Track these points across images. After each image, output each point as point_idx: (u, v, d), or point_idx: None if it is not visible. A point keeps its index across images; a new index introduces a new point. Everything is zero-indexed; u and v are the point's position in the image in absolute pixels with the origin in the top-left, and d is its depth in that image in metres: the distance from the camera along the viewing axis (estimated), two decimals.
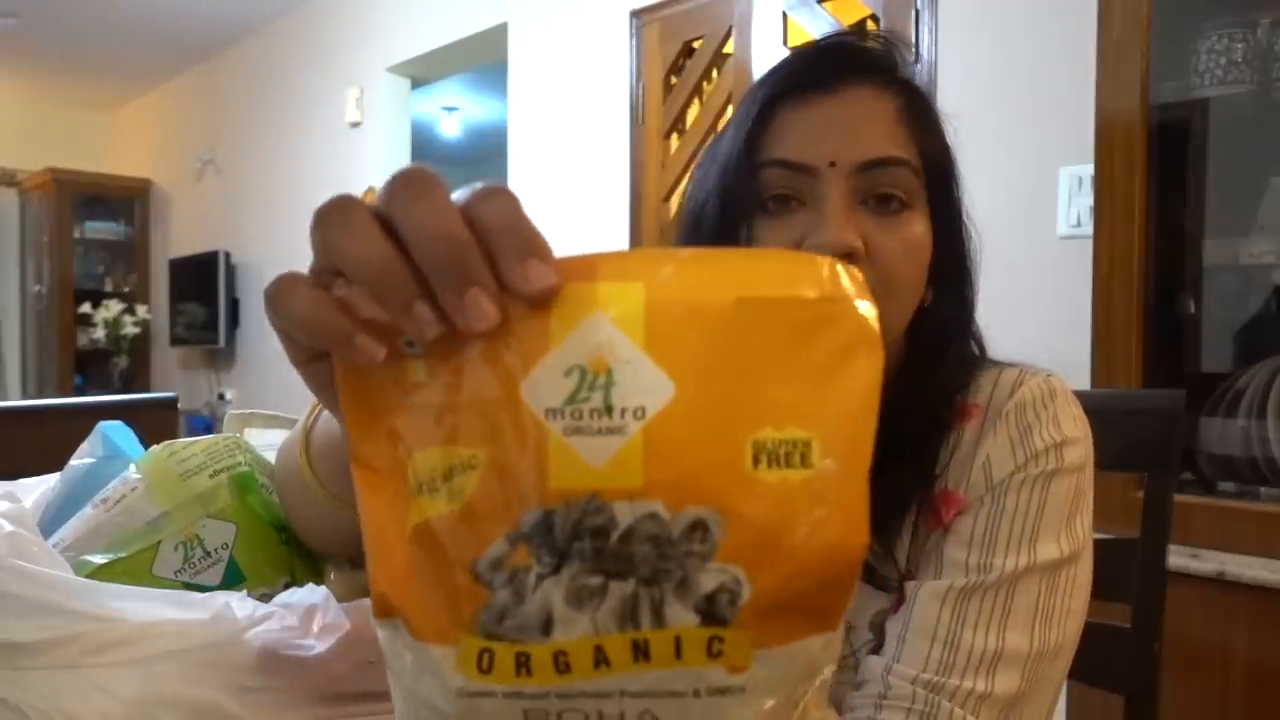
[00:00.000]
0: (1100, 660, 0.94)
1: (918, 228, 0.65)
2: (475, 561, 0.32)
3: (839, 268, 0.34)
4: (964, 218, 0.71)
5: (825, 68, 0.67)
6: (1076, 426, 0.67)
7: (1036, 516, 0.64)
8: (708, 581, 0.31)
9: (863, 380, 0.33)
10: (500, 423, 0.32)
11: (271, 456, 0.68)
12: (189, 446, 0.63)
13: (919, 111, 0.67)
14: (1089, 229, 1.54)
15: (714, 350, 0.33)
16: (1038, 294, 1.85)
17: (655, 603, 0.31)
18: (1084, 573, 0.65)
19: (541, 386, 0.32)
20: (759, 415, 0.32)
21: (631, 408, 0.32)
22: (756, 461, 0.32)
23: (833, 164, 0.64)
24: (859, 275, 0.34)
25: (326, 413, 0.56)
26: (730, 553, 0.31)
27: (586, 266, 0.33)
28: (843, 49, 0.70)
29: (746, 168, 0.66)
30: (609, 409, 0.32)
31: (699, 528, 0.31)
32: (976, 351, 0.73)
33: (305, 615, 0.51)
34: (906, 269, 0.65)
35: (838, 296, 0.33)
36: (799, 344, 0.33)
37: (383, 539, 0.33)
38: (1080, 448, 0.67)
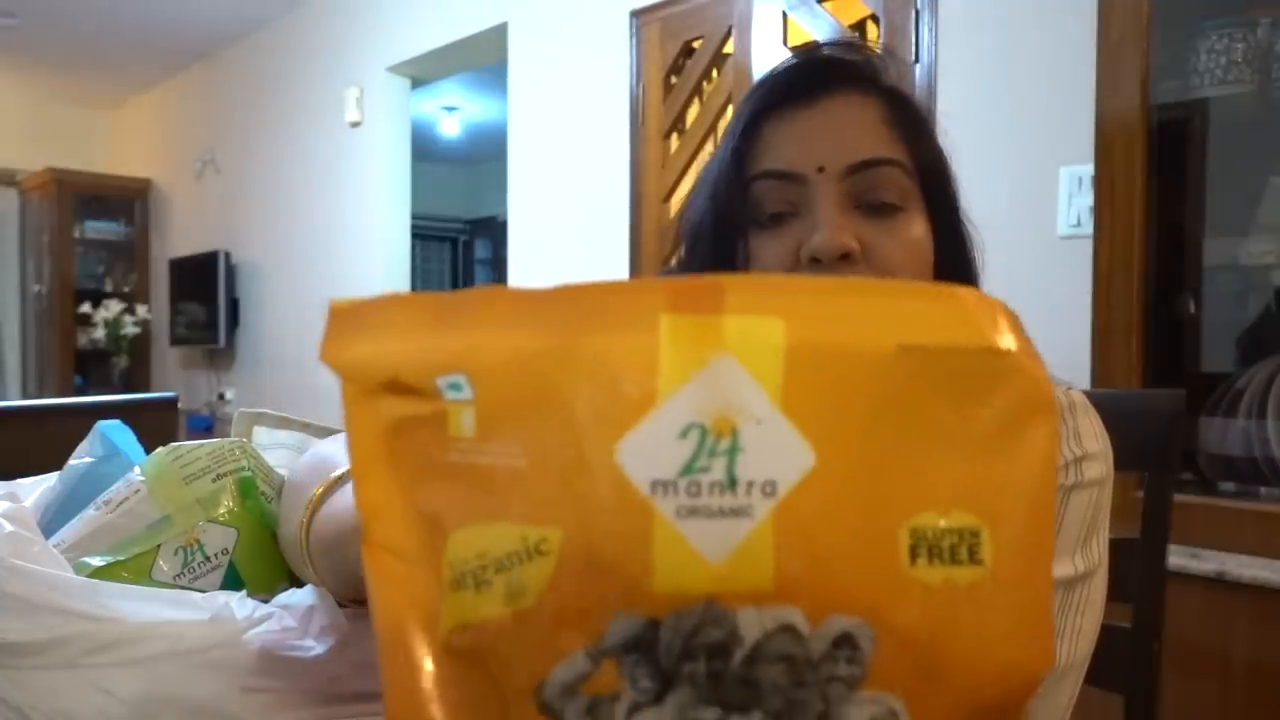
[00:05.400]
0: (1100, 660, 0.94)
1: (915, 229, 0.65)
2: (542, 685, 0.24)
3: (997, 307, 0.27)
4: (963, 219, 0.70)
5: (805, 80, 0.67)
6: (1097, 440, 0.66)
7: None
8: (856, 716, 0.24)
9: (1039, 453, 0.26)
10: (585, 494, 0.24)
11: (280, 456, 0.68)
12: (193, 450, 0.63)
13: (905, 115, 0.67)
14: (1089, 229, 1.54)
15: (867, 410, 0.25)
16: (1038, 294, 1.85)
17: None
18: (1098, 591, 0.64)
19: (647, 449, 0.24)
20: (918, 495, 0.25)
21: (760, 482, 0.24)
22: (915, 556, 0.25)
23: (821, 169, 0.63)
24: (1016, 318, 0.28)
25: (339, 495, 0.51)
26: (884, 677, 0.24)
27: (708, 292, 0.25)
28: (821, 61, 0.70)
29: (737, 183, 0.66)
30: (732, 483, 0.24)
31: (845, 644, 0.24)
32: None
33: (304, 616, 0.51)
34: (906, 271, 0.63)
35: (1004, 347, 0.27)
36: (964, 407, 0.26)
37: (401, 649, 0.25)
38: (1100, 462, 0.66)
